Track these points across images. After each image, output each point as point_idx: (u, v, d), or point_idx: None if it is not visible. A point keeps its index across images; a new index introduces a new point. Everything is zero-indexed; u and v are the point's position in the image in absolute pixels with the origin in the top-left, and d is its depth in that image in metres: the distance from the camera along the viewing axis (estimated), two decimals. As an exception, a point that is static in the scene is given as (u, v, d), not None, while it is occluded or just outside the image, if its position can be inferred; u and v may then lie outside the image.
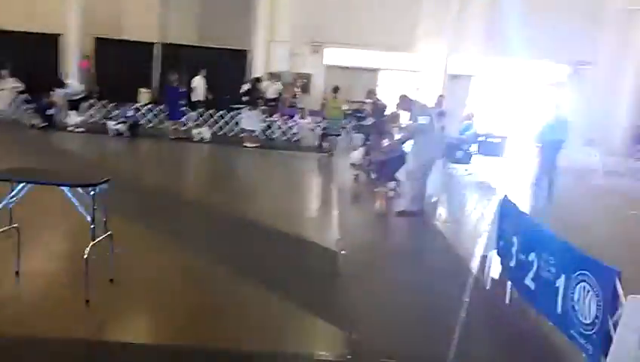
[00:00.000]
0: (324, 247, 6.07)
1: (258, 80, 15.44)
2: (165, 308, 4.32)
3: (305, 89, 18.96)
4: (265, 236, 6.41)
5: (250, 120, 13.67)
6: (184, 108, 15.12)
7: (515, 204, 5.84)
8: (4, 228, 4.46)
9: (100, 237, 4.40)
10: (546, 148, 11.59)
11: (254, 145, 13.81)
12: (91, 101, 16.35)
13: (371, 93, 12.68)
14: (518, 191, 7.46)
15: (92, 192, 4.22)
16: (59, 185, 4.21)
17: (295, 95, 17.68)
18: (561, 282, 4.30)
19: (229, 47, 18.86)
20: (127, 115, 13.99)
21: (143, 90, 17.86)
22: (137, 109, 15.27)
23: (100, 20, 18.77)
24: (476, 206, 7.33)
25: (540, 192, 10.11)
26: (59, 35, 18.76)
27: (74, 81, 15.39)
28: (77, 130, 14.10)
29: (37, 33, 18.44)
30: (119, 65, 18.29)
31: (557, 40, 18.81)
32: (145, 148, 13.68)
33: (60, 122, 14.66)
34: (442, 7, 18.69)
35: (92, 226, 4.24)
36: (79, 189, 4.26)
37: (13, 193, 4.21)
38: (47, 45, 18.68)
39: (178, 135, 14.28)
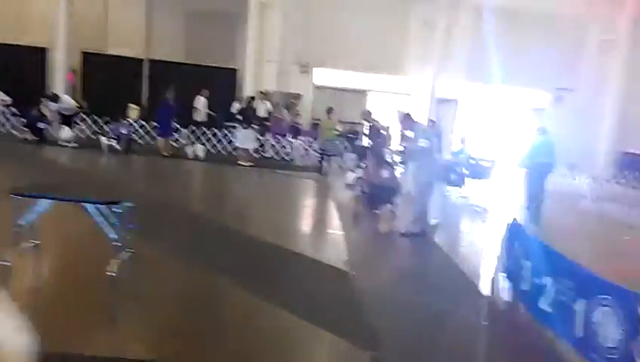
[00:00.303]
0: (334, 268, 6.09)
1: (253, 98, 15.49)
2: (187, 326, 4.27)
3: (294, 108, 19.08)
4: (274, 255, 6.40)
5: (244, 138, 13.68)
6: (176, 125, 15.07)
7: (524, 228, 5.96)
8: (27, 244, 4.38)
9: (122, 254, 4.35)
10: (533, 172, 11.86)
11: (248, 163, 13.80)
12: (81, 116, 16.18)
13: (367, 114, 12.83)
14: (512, 215, 7.64)
15: (116, 210, 4.19)
16: (84, 202, 4.15)
17: (298, 113, 17.84)
18: (580, 306, 4.39)
19: (218, 66, 18.91)
20: (121, 131, 13.85)
21: (132, 105, 17.74)
22: (131, 125, 15.13)
23: (86, 35, 18.70)
24: (476, 228, 7.43)
25: (530, 216, 10.31)
26: (46, 48, 18.60)
27: (66, 96, 15.22)
28: (69, 145, 13.90)
29: (23, 46, 18.26)
30: (106, 80, 18.19)
31: (538, 68, 19.39)
32: (141, 165, 13.55)
33: (51, 136, 14.45)
34: (428, 33, 19.10)
35: (116, 244, 4.19)
36: (101, 206, 4.22)
37: (37, 209, 4.14)
38: (33, 59, 18.49)
39: (170, 152, 14.20)
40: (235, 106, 16.59)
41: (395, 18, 19.34)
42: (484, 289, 6.00)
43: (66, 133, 14.01)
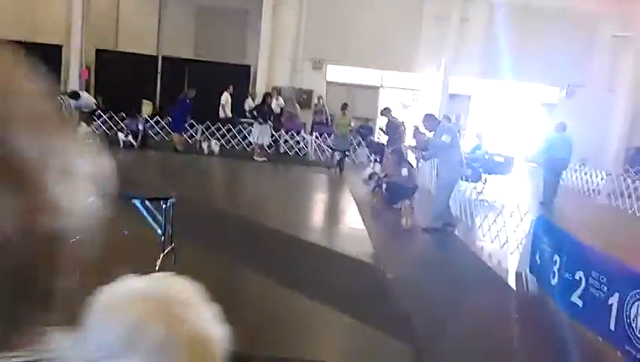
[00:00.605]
0: (364, 262, 6.21)
1: (269, 95, 15.61)
2: (233, 318, 4.39)
3: (307, 104, 19.16)
4: (304, 250, 6.53)
5: (261, 134, 13.79)
6: (191, 121, 15.23)
7: (554, 224, 6.07)
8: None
9: (167, 249, 4.49)
10: (550, 167, 11.96)
11: (263, 158, 13.92)
12: (98, 112, 16.35)
13: (387, 110, 12.90)
14: (529, 210, 7.78)
15: (164, 205, 4.32)
16: (134, 198, 4.28)
17: (323, 111, 17.92)
18: (614, 300, 4.50)
19: (231, 62, 18.99)
20: (138, 126, 14.00)
21: (146, 102, 17.87)
22: (147, 121, 15.28)
23: (99, 32, 18.87)
24: (496, 224, 7.54)
25: (545, 210, 10.41)
26: (61, 45, 18.76)
27: (85, 93, 15.38)
28: (86, 141, 14.04)
29: (39, 44, 18.41)
30: (120, 77, 18.34)
31: (549, 63, 19.45)
32: (160, 161, 13.63)
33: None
34: (441, 29, 19.14)
35: (163, 238, 4.32)
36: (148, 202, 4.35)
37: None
38: (49, 56, 18.63)
39: (185, 147, 14.34)
40: (249, 102, 16.69)
41: (408, 14, 19.36)
42: (512, 283, 6.11)
43: (83, 129, 14.16)
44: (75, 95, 13.54)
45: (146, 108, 17.78)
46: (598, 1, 19.08)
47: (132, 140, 13.55)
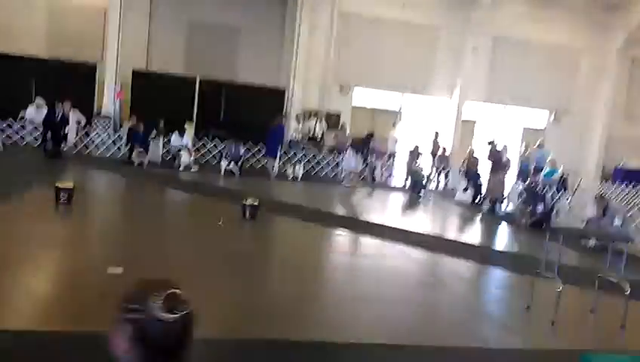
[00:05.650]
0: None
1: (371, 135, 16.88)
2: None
3: (335, 126, 20.23)
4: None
5: (351, 160, 14.76)
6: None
7: None
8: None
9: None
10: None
11: (351, 185, 14.93)
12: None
13: (491, 143, 14.24)
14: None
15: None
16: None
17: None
18: None
19: (266, 86, 19.66)
20: (239, 153, 14.43)
21: (188, 122, 18.10)
22: (248, 149, 15.78)
23: (132, 52, 18.92)
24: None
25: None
26: (95, 65, 18.60)
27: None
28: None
29: (75, 62, 18.17)
30: (156, 98, 18.42)
31: (541, 91, 22.07)
32: (268, 187, 13.98)
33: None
34: (453, 59, 21.08)
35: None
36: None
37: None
38: (84, 74, 18.43)
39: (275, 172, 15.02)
40: (299, 127, 17.56)
41: (425, 45, 21.16)
42: None
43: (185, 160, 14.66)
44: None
45: (189, 129, 18.04)
46: (580, 37, 22.02)
47: (234, 169, 13.95)
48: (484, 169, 14.30)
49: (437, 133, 14.88)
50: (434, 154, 17.51)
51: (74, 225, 8.27)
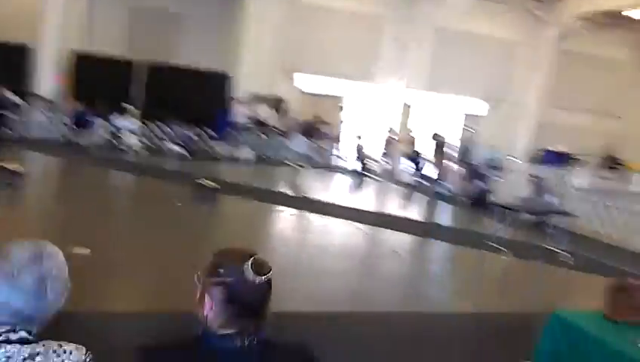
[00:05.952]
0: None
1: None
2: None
3: (281, 110, 20.32)
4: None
5: (300, 143, 14.95)
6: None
7: None
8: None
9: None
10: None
11: (300, 167, 15.19)
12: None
13: (436, 135, 14.70)
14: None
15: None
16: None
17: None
18: None
19: (211, 70, 19.45)
20: (186, 136, 14.27)
21: (129, 106, 17.66)
22: (197, 135, 15.60)
23: (72, 34, 18.28)
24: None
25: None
26: (28, 45, 17.82)
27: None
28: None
29: (6, 43, 17.30)
30: (97, 82, 17.84)
31: (479, 80, 23.09)
32: (222, 170, 14.05)
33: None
34: (397, 48, 21.67)
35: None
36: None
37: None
38: (17, 56, 17.58)
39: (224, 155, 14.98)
40: (243, 111, 17.56)
41: (370, 35, 21.60)
42: None
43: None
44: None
45: (134, 112, 17.60)
46: (517, 31, 23.15)
47: (182, 151, 13.82)
48: (428, 152, 14.91)
49: (391, 129, 15.45)
50: (384, 140, 17.99)
51: (22, 208, 8.03)
